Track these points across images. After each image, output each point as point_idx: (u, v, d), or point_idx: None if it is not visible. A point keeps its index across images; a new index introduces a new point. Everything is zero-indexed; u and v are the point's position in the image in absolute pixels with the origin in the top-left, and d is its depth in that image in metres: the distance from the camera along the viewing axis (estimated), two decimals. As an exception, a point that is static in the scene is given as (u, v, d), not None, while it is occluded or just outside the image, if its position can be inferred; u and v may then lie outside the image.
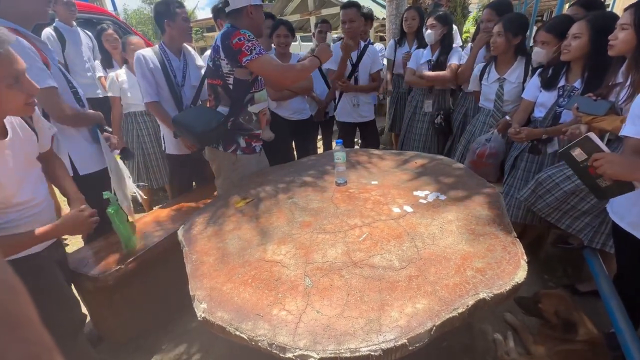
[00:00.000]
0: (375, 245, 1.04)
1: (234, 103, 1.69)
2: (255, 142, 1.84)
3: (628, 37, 1.31)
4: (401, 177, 1.51)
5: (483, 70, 2.22)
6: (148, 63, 1.97)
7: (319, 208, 1.30)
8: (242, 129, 1.76)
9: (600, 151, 1.09)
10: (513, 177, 1.98)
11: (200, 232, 1.25)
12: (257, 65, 1.56)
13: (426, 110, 2.66)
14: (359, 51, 2.60)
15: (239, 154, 1.78)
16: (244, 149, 1.79)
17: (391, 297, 0.85)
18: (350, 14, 2.44)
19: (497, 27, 1.99)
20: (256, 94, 1.73)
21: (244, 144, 1.78)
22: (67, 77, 1.55)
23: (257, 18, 1.67)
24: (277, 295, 0.89)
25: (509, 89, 2.08)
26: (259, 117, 1.81)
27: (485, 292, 0.84)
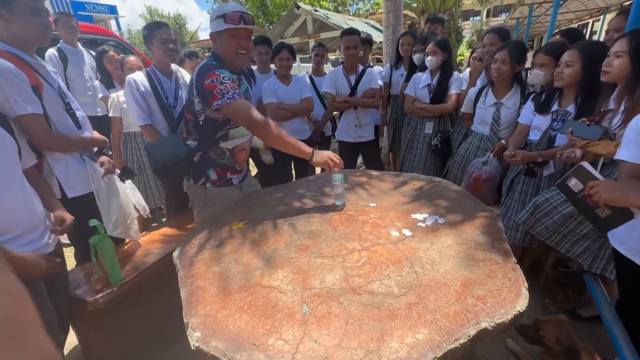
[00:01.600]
0: (374, 271, 1.02)
1: (203, 138, 1.61)
2: (232, 174, 1.72)
3: (623, 64, 1.35)
4: (399, 200, 1.51)
5: (478, 94, 2.27)
6: (139, 86, 2.00)
7: (317, 231, 1.28)
8: (212, 162, 1.66)
9: (595, 179, 1.10)
10: (510, 199, 1.99)
11: (195, 255, 1.23)
12: (228, 110, 1.43)
13: (427, 131, 2.69)
14: (357, 75, 2.68)
15: (209, 187, 1.67)
16: (214, 181, 1.68)
17: (391, 326, 0.82)
18: (354, 40, 2.57)
19: (501, 54, 2.03)
20: (231, 130, 1.62)
21: (214, 177, 1.67)
22: (65, 99, 1.55)
23: (222, 45, 1.50)
24: (273, 324, 0.86)
25: (506, 113, 2.12)
26: (234, 153, 1.69)
27: (486, 322, 0.82)
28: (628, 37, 1.35)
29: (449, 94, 2.58)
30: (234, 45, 1.47)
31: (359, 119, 2.74)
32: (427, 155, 2.72)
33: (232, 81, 1.43)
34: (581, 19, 10.56)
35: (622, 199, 1.06)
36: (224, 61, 1.52)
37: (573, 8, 8.06)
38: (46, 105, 1.42)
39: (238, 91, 1.43)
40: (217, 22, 1.45)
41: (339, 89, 2.71)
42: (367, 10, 19.19)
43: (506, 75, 2.06)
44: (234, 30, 1.44)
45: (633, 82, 1.34)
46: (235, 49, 1.48)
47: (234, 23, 1.43)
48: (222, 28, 1.44)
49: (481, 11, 23.55)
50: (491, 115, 2.18)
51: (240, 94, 1.43)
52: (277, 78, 2.64)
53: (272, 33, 8.85)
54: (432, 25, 3.29)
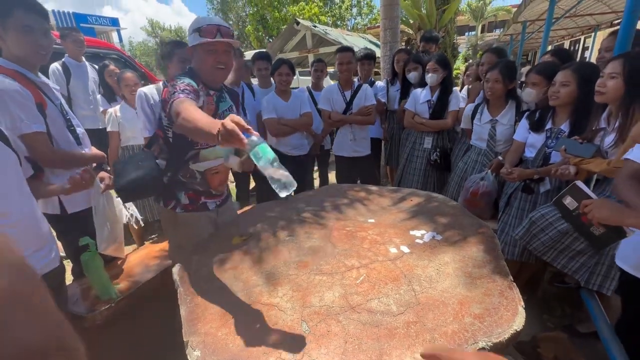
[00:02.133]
0: (373, 288, 1.03)
1: (172, 158, 1.49)
2: (207, 199, 1.57)
3: (617, 85, 1.39)
4: (398, 216, 1.52)
5: (475, 110, 2.33)
6: (149, 99, 2.04)
7: (316, 247, 1.30)
8: (183, 185, 1.51)
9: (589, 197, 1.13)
10: (508, 214, 2.01)
11: (195, 272, 1.23)
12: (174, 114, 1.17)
13: (426, 146, 2.73)
14: (353, 90, 2.74)
15: (179, 212, 1.52)
16: (185, 206, 1.52)
17: (389, 345, 0.83)
18: (348, 56, 2.66)
19: (493, 74, 2.10)
20: (203, 150, 1.47)
21: (185, 201, 1.52)
22: (66, 116, 1.57)
23: (198, 60, 1.39)
24: (273, 343, 0.87)
25: (501, 130, 2.18)
26: (207, 176, 1.54)
27: (484, 341, 0.83)
28: (622, 59, 1.40)
29: (448, 110, 2.63)
30: (211, 60, 1.37)
31: (353, 134, 2.77)
32: (426, 170, 2.75)
33: (189, 84, 1.27)
34: (573, 35, 10.85)
35: (614, 218, 1.08)
36: (200, 77, 1.41)
37: (565, 25, 8.29)
38: (49, 123, 1.44)
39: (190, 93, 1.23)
40: (192, 37, 1.35)
41: (334, 105, 2.74)
42: (364, 25, 19.62)
43: (499, 93, 2.13)
44: (211, 44, 1.34)
45: (626, 103, 1.39)
46: (213, 64, 1.37)
47: (210, 37, 1.33)
48: (197, 42, 1.33)
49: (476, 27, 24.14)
50: (487, 132, 2.23)
51: (190, 94, 1.22)
52: (276, 93, 2.68)
53: (271, 47, 9.01)
54: (427, 44, 3.38)
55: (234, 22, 24.88)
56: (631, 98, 1.36)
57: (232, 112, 1.54)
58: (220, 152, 1.53)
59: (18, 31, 1.33)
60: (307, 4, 17.53)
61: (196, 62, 1.41)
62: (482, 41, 21.14)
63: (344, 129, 2.80)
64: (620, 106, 1.41)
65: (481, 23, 23.91)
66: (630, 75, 1.35)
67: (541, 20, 6.58)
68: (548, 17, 4.31)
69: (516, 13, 6.30)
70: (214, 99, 1.46)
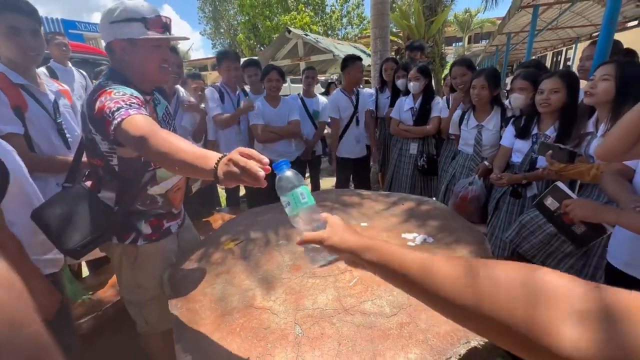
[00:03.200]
0: (366, 291, 1.04)
1: (123, 188, 1.19)
2: (169, 221, 1.34)
3: (609, 87, 1.42)
4: (390, 220, 1.54)
5: (462, 117, 2.39)
6: None
7: (309, 251, 1.29)
8: (143, 214, 1.26)
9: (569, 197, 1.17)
10: (497, 218, 2.05)
11: (186, 277, 1.21)
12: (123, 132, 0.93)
13: (412, 152, 2.79)
14: (356, 95, 3.00)
15: (142, 244, 1.25)
16: (148, 236, 1.26)
17: (383, 346, 0.83)
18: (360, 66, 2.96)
19: (479, 81, 2.17)
20: (159, 170, 1.22)
21: (147, 230, 1.26)
22: (57, 119, 1.55)
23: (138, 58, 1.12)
24: (266, 346, 0.86)
25: (487, 135, 2.24)
26: (169, 197, 1.31)
27: (476, 340, 0.84)
28: (615, 63, 1.43)
29: (431, 117, 2.70)
30: (159, 57, 1.14)
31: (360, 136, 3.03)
32: (413, 175, 2.83)
33: (131, 96, 1.03)
34: (555, 47, 11.27)
35: (594, 216, 1.12)
36: (130, 78, 1.14)
37: (547, 37, 8.61)
38: (29, 126, 1.42)
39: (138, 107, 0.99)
40: (128, 27, 1.08)
41: (342, 111, 2.98)
42: (355, 35, 19.98)
43: (486, 99, 2.19)
44: (159, 40, 1.12)
45: (616, 107, 1.43)
46: (160, 63, 1.16)
47: (160, 31, 1.11)
48: (142, 37, 1.08)
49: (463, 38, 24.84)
50: (473, 137, 2.29)
51: (140, 109, 0.99)
52: (265, 99, 2.70)
53: (263, 55, 9.07)
54: (412, 52, 3.50)
55: (225, 30, 25.01)
56: (621, 102, 1.41)
57: (168, 114, 1.33)
58: None
59: (5, 33, 1.32)
60: (298, 14, 17.77)
61: (135, 60, 1.12)
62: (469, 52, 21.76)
63: (351, 131, 3.00)
64: (609, 110, 1.46)
65: (468, 34, 24.64)
66: (622, 81, 1.39)
67: (525, 32, 6.82)
68: (531, 29, 4.48)
69: (501, 25, 6.53)
70: (153, 105, 1.23)
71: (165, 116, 1.31)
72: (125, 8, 1.07)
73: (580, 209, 1.14)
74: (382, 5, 4.02)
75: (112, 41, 1.10)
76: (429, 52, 8.05)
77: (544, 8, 4.95)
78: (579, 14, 6.13)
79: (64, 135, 1.57)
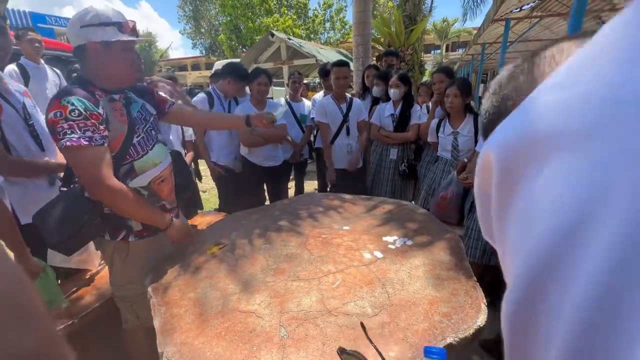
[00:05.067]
0: (349, 292, 1.07)
1: None
2: None
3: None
4: (371, 223, 1.59)
5: (438, 125, 2.50)
6: None
7: (293, 254, 1.32)
8: None
9: None
10: (471, 219, 2.15)
11: (169, 282, 1.21)
12: (68, 157, 1.13)
13: (392, 157, 2.88)
14: (347, 104, 2.80)
15: (133, 241, 1.32)
16: (139, 232, 1.32)
17: (365, 345, 0.87)
18: (345, 71, 2.71)
19: (452, 90, 2.28)
20: (136, 162, 1.26)
21: (138, 226, 1.32)
22: (28, 121, 1.49)
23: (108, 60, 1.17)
24: (251, 349, 0.87)
25: (463, 140, 2.36)
26: (154, 188, 1.34)
27: (452, 337, 0.89)
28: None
29: (410, 124, 2.79)
30: (130, 58, 1.22)
31: (350, 146, 2.81)
32: (394, 179, 2.90)
33: (85, 118, 1.07)
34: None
35: None
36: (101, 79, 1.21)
37: (519, 49, 9.08)
38: (5, 129, 1.36)
39: (92, 134, 1.08)
40: (102, 31, 1.14)
41: (330, 118, 2.76)
42: (337, 40, 20.20)
43: (459, 107, 2.32)
44: (129, 42, 1.20)
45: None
46: (131, 64, 1.24)
47: (130, 34, 1.20)
48: (114, 39, 1.15)
49: (441, 46, 25.67)
50: (450, 143, 2.40)
51: (95, 138, 1.09)
52: (252, 103, 2.70)
53: (246, 57, 9.01)
54: (387, 57, 3.67)
55: (206, 31, 24.59)
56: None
57: (147, 112, 1.37)
58: (158, 157, 1.34)
59: None
60: (281, 16, 17.77)
61: (104, 63, 1.17)
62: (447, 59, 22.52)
63: (340, 141, 2.81)
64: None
65: (445, 43, 25.50)
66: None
67: (498, 42, 7.17)
68: (503, 40, 4.73)
69: (476, 35, 6.84)
70: (122, 104, 1.27)
71: (141, 113, 1.34)
72: (97, 13, 1.14)
73: None
74: (364, 13, 4.12)
75: (86, 44, 1.14)
76: (409, 59, 8.29)
77: (515, 21, 5.24)
78: (547, 28, 6.52)
79: (37, 136, 1.52)
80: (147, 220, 1.30)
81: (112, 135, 1.19)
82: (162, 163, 1.36)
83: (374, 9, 11.05)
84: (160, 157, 1.36)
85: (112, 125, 1.19)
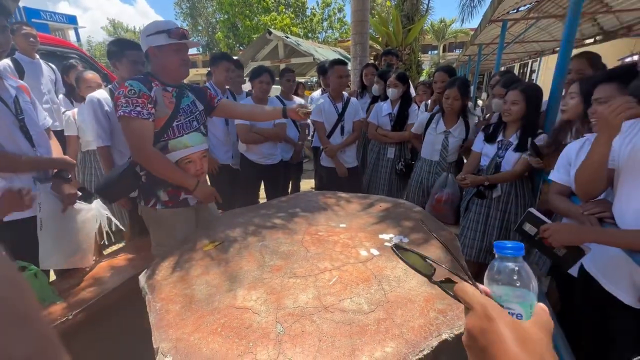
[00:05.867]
0: (345, 289, 1.07)
1: None
2: (187, 193, 1.64)
3: (576, 103, 1.62)
4: (367, 221, 1.59)
5: (430, 120, 2.49)
6: (102, 106, 1.94)
7: (289, 251, 1.32)
8: (160, 182, 1.58)
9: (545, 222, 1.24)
10: (466, 219, 2.17)
11: (165, 278, 1.20)
12: (122, 124, 1.46)
13: (389, 156, 2.88)
14: (344, 103, 2.76)
15: (159, 209, 1.60)
16: (165, 202, 1.60)
17: (361, 341, 0.87)
18: (345, 69, 2.70)
19: (452, 91, 2.28)
20: (170, 141, 1.55)
21: (165, 197, 1.59)
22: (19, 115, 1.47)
23: (162, 60, 1.51)
24: (248, 344, 0.87)
25: (453, 141, 2.38)
26: (181, 166, 1.59)
27: (447, 333, 0.90)
28: (578, 83, 1.64)
29: (408, 123, 2.80)
30: (178, 58, 1.52)
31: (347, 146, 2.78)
32: (391, 178, 2.90)
33: (139, 96, 1.43)
34: (522, 59, 11.96)
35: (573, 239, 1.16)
36: (161, 75, 1.54)
37: (515, 50, 9.13)
38: None
39: (141, 109, 1.42)
40: (157, 37, 1.47)
41: (326, 117, 2.72)
42: (335, 39, 20.18)
43: (457, 108, 2.33)
44: (178, 45, 1.50)
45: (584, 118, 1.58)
46: (180, 62, 1.53)
47: (178, 38, 1.49)
48: (165, 43, 1.47)
49: (438, 46, 25.76)
50: (441, 141, 2.41)
51: (142, 113, 1.42)
52: (253, 101, 2.69)
53: (243, 55, 8.98)
54: (387, 56, 3.67)
55: (203, 28, 24.44)
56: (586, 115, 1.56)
57: (196, 108, 1.67)
58: (191, 141, 1.59)
59: None
60: (279, 14, 17.72)
61: (160, 62, 1.51)
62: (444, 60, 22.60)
63: (334, 140, 2.77)
64: (582, 122, 1.62)
65: (442, 43, 25.58)
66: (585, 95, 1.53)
67: (495, 43, 7.20)
68: (500, 41, 4.75)
69: (473, 36, 6.86)
70: (173, 95, 1.56)
71: (189, 106, 1.62)
72: (154, 24, 1.49)
73: (558, 234, 1.16)
74: (362, 12, 4.12)
75: (148, 49, 1.50)
76: (406, 59, 8.31)
77: (512, 23, 5.27)
78: (543, 30, 6.56)
79: (27, 132, 1.50)
80: (178, 181, 1.55)
81: (157, 115, 1.50)
82: (192, 147, 1.61)
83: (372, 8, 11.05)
84: (193, 142, 1.61)
85: (159, 106, 1.50)
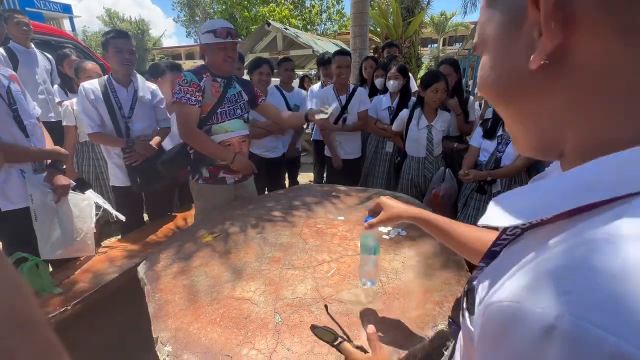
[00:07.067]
0: (343, 281, 1.08)
1: None
2: (225, 173, 1.84)
3: None
4: (365, 214, 1.59)
5: (410, 116, 2.46)
6: (89, 94, 1.95)
7: (288, 243, 1.32)
8: (203, 160, 1.81)
9: None
10: (464, 214, 2.18)
11: (164, 269, 1.20)
12: (175, 109, 1.76)
13: (387, 150, 2.87)
14: (348, 94, 2.73)
15: (200, 184, 1.85)
16: (206, 178, 1.84)
17: (359, 331, 0.88)
18: (347, 60, 2.66)
19: (441, 85, 2.27)
20: (214, 126, 1.77)
21: (206, 174, 1.83)
22: (12, 105, 1.45)
23: (211, 56, 1.74)
24: (246, 334, 0.88)
25: (436, 134, 2.39)
26: None
27: (443, 324, 0.91)
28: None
29: None
30: (222, 54, 1.72)
31: (339, 140, 2.78)
32: (389, 172, 2.89)
33: (190, 85, 1.67)
34: (522, 53, 11.94)
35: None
36: (212, 68, 1.78)
37: (515, 44, 9.10)
38: None
39: (190, 96, 1.66)
40: (207, 36, 1.68)
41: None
42: (334, 31, 19.98)
43: (443, 101, 2.35)
44: (222, 43, 1.69)
45: None
46: (224, 58, 1.73)
47: (223, 37, 1.68)
48: (212, 41, 1.67)
49: (438, 39, 25.56)
50: (425, 136, 2.40)
51: (191, 99, 1.66)
52: None
53: (241, 46, 8.87)
54: (390, 49, 3.63)
55: (201, 19, 24.12)
56: None
57: (241, 98, 1.88)
58: (230, 126, 1.80)
59: None
60: (277, 6, 17.48)
61: (210, 57, 1.75)
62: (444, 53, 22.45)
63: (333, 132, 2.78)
64: None
65: (442, 36, 25.38)
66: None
67: (495, 37, 7.15)
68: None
69: (473, 30, 6.81)
70: (221, 85, 1.78)
71: (235, 96, 1.83)
72: (208, 23, 1.71)
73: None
74: (362, 3, 4.07)
75: (201, 44, 1.74)
76: (406, 52, 8.25)
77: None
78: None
79: (21, 122, 1.49)
80: (218, 155, 1.77)
81: (204, 102, 1.72)
82: (232, 132, 1.81)
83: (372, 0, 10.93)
84: (233, 127, 1.81)
85: (206, 94, 1.72)
